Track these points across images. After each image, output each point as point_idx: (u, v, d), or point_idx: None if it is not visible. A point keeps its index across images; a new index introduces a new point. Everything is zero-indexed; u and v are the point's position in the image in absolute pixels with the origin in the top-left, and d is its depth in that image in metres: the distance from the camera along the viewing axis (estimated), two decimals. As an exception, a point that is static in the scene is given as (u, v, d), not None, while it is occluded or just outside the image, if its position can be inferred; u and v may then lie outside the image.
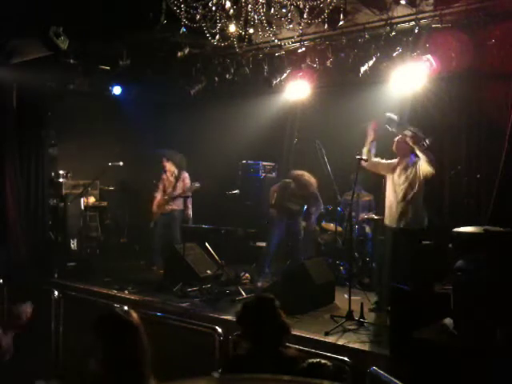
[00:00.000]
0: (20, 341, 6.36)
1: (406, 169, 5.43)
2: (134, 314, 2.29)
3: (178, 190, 7.77)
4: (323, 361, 2.74)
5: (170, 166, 7.91)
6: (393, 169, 5.53)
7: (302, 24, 4.67)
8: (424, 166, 5.31)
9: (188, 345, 5.01)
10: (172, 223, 7.85)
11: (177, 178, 7.87)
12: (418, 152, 5.31)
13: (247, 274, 6.98)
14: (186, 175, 7.91)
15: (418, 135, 5.34)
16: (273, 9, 4.66)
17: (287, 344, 2.91)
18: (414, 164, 5.43)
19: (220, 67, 7.26)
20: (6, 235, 7.28)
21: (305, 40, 6.48)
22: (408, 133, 5.37)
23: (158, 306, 5.81)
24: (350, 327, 4.87)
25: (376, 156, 5.76)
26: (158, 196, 7.93)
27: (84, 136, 9.10)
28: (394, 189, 5.45)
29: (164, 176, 7.98)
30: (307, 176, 6.76)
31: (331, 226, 7.55)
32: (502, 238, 3.49)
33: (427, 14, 5.72)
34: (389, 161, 5.64)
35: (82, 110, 8.91)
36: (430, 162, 5.25)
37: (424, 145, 5.30)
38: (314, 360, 2.72)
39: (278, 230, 6.94)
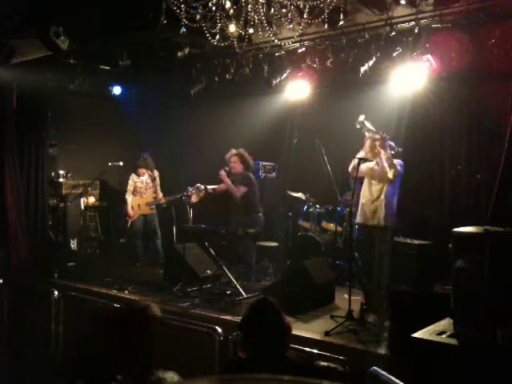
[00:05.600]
0: (20, 341, 6.37)
1: (379, 168, 5.64)
2: (152, 309, 2.33)
3: (158, 192, 8.31)
4: (332, 365, 2.73)
5: (145, 170, 8.35)
6: (371, 169, 5.75)
7: (302, 24, 4.66)
8: (386, 170, 5.52)
9: (188, 345, 5.01)
10: (154, 221, 8.37)
11: (154, 180, 8.39)
12: (382, 155, 5.54)
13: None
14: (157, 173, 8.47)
15: (387, 141, 5.61)
16: (273, 9, 4.65)
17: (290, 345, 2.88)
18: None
19: (220, 67, 7.25)
20: (6, 235, 7.27)
21: (305, 40, 6.47)
22: (377, 136, 5.58)
23: (158, 306, 5.79)
24: (350, 327, 4.86)
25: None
26: (130, 198, 8.26)
27: (84, 136, 9.10)
28: (369, 187, 5.69)
29: (137, 179, 8.32)
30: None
31: (331, 225, 7.54)
32: (502, 237, 3.48)
33: (427, 14, 5.72)
34: (368, 163, 5.77)
35: (82, 110, 8.90)
36: (390, 166, 5.48)
37: (392, 151, 5.60)
38: (324, 363, 2.71)
39: None
